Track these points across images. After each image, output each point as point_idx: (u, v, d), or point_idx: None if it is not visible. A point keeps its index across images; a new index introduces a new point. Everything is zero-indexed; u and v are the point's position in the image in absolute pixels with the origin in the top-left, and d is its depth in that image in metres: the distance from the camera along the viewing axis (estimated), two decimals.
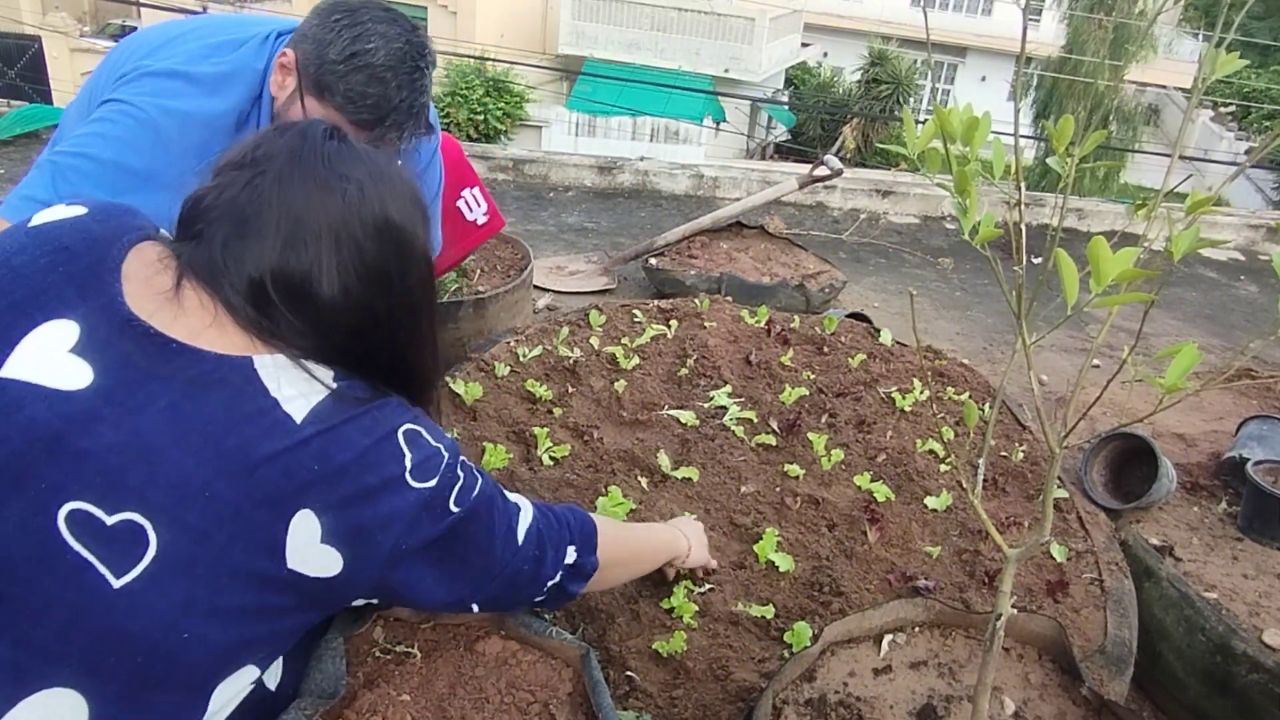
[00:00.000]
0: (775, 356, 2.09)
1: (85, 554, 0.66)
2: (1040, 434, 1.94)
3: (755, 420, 1.83)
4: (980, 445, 1.83)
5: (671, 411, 1.83)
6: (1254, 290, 4.89)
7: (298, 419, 0.73)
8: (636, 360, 2.00)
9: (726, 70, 17.17)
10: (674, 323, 2.19)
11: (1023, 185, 0.85)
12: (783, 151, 18.37)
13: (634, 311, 2.25)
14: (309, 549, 0.73)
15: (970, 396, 2.06)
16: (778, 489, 1.63)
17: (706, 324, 2.17)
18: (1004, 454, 1.84)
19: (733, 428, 1.79)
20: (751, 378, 2.00)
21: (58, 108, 6.39)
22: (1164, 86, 17.00)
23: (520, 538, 0.93)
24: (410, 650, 1.07)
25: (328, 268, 0.76)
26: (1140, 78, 13.43)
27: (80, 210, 0.79)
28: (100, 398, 0.69)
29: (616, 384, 1.88)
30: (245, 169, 0.78)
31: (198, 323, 0.74)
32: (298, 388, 0.74)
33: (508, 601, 0.97)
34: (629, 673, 1.22)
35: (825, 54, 21.63)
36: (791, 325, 2.26)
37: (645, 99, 15.13)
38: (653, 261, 3.56)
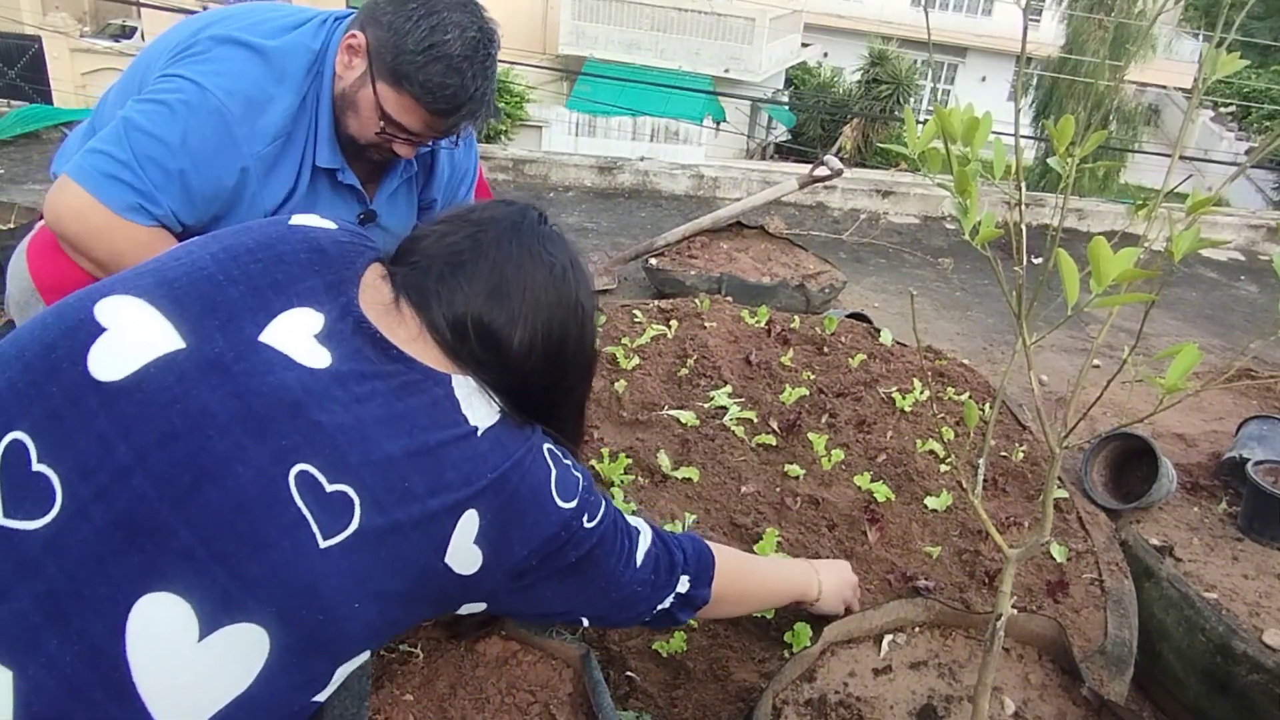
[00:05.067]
0: (775, 356, 2.09)
1: (305, 511, 0.72)
2: (1040, 434, 1.94)
3: (755, 420, 1.83)
4: (980, 445, 1.83)
5: (671, 411, 1.83)
6: (1254, 290, 4.89)
7: (479, 433, 0.81)
8: (636, 360, 2.00)
9: (726, 70, 17.16)
10: (674, 323, 2.19)
11: (1023, 185, 0.85)
12: (783, 151, 18.37)
13: (634, 311, 2.25)
14: (465, 546, 0.79)
15: (970, 396, 2.06)
16: (778, 489, 1.63)
17: (706, 324, 2.17)
18: (1004, 454, 1.84)
19: (733, 428, 1.79)
20: (751, 378, 2.00)
21: (58, 108, 6.38)
22: (1164, 86, 17.00)
23: (639, 561, 0.97)
24: (413, 650, 1.07)
25: (522, 325, 0.86)
26: (1140, 78, 13.43)
27: (332, 225, 0.91)
28: (336, 381, 0.77)
29: (616, 384, 1.88)
30: (468, 224, 0.90)
31: (407, 334, 0.83)
32: (482, 408, 0.83)
33: (616, 619, 1.01)
34: (629, 673, 1.22)
35: (825, 54, 21.62)
36: (791, 325, 2.26)
37: (645, 99, 15.12)
38: (653, 261, 3.56)
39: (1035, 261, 4.41)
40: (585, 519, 0.88)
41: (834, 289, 3.41)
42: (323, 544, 0.72)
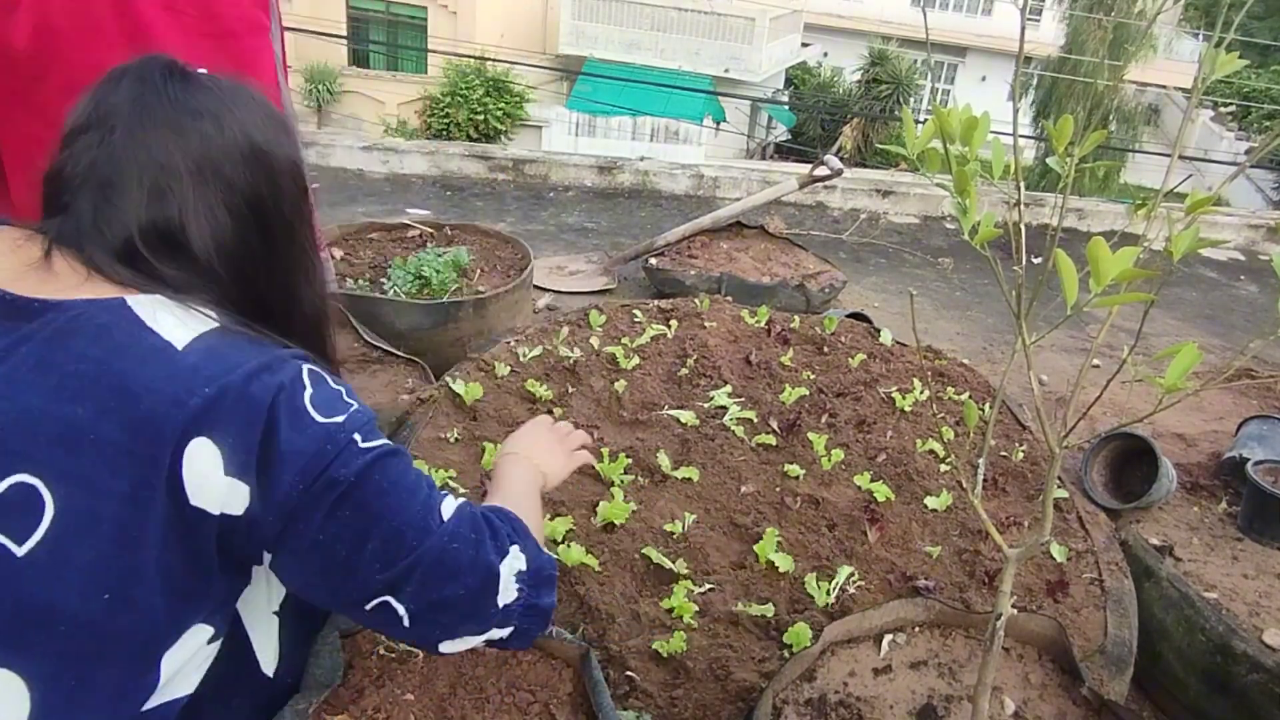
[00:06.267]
0: (775, 356, 2.09)
1: None
2: (1040, 434, 1.94)
3: (755, 420, 1.83)
4: (980, 445, 1.83)
5: (671, 411, 1.83)
6: (1254, 290, 4.89)
7: (179, 346, 0.69)
8: (636, 360, 2.00)
9: (726, 70, 17.16)
10: (674, 323, 2.19)
11: (1022, 185, 0.85)
12: (783, 151, 18.37)
13: (634, 311, 2.25)
14: (211, 482, 0.68)
15: (970, 396, 2.06)
16: (778, 489, 1.63)
17: (706, 324, 2.17)
18: (1004, 454, 1.84)
19: (733, 428, 1.79)
20: (751, 378, 2.00)
21: None
22: (1164, 86, 17.00)
23: (445, 512, 0.80)
24: (413, 649, 1.07)
25: (195, 210, 0.75)
26: (1140, 78, 13.42)
27: None
28: None
29: (616, 384, 1.89)
30: (93, 130, 0.75)
31: (68, 284, 0.71)
32: (177, 317, 0.71)
33: (439, 597, 0.78)
34: (629, 673, 1.22)
35: (825, 54, 21.62)
36: (791, 325, 2.26)
37: (645, 99, 15.12)
38: (653, 261, 3.56)
39: (1035, 261, 4.42)
40: (358, 439, 0.75)
41: (834, 289, 3.42)
42: (20, 552, 0.62)
